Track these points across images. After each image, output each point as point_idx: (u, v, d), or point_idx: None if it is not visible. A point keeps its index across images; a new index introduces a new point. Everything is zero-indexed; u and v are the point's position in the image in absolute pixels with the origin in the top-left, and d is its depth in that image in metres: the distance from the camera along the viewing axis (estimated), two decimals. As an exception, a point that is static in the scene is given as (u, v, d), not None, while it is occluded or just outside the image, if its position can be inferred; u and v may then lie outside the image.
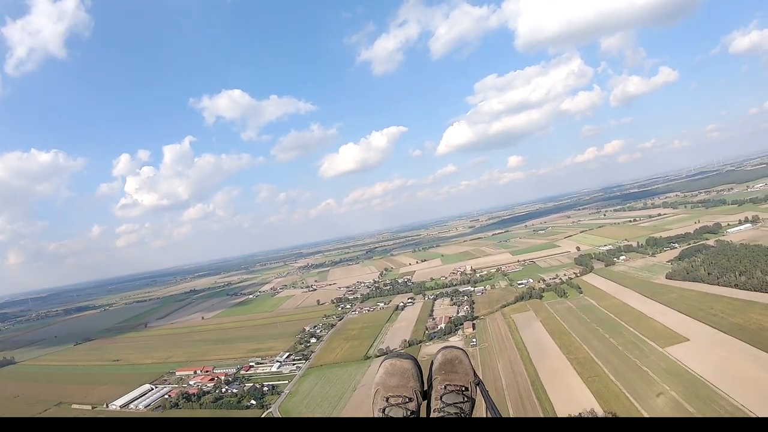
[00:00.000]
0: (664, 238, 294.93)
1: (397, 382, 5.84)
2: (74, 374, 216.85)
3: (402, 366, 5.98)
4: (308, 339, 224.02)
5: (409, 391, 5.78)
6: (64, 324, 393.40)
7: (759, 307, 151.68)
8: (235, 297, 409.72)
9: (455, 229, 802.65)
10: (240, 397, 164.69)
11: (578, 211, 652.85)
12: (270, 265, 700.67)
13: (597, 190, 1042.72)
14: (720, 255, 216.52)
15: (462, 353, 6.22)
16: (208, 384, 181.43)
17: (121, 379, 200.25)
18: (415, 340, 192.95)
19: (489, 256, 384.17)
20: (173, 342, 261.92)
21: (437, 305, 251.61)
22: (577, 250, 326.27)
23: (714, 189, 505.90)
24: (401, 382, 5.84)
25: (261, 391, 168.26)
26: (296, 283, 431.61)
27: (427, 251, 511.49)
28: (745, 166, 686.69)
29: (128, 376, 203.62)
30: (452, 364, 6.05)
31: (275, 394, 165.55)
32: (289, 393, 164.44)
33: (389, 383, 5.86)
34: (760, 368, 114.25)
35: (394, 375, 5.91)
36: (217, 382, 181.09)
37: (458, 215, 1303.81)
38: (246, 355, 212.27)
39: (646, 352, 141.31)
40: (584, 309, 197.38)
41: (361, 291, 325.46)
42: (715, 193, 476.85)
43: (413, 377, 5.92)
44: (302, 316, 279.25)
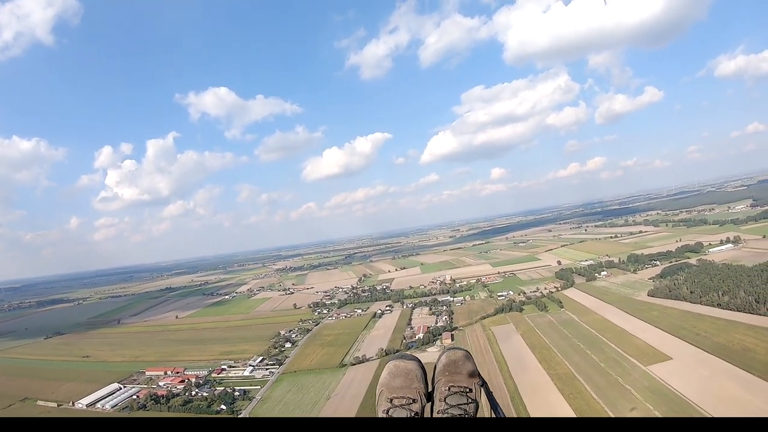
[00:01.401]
0: (645, 255, 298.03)
1: (401, 384, 5.90)
2: (42, 369, 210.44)
3: (406, 367, 6.04)
4: (283, 343, 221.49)
5: (413, 392, 5.85)
6: (36, 316, 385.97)
7: (742, 327, 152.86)
8: (211, 297, 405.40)
9: (436, 238, 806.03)
10: (210, 401, 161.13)
11: (559, 225, 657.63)
12: (248, 266, 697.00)
13: (578, 206, 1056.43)
14: (702, 274, 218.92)
15: (466, 354, 6.21)
16: (178, 386, 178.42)
17: (89, 376, 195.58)
18: (393, 349, 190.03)
19: (469, 267, 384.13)
20: (145, 340, 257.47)
21: (416, 314, 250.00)
22: (558, 264, 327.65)
23: (695, 209, 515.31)
24: (405, 384, 5.89)
25: (232, 395, 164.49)
26: (274, 285, 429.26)
27: (407, 259, 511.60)
28: (726, 188, 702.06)
29: (97, 373, 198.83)
30: (456, 366, 6.06)
31: (246, 400, 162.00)
32: (260, 399, 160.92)
33: (393, 384, 5.91)
34: (743, 389, 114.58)
35: (398, 376, 5.96)
36: (187, 385, 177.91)
37: (439, 224, 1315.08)
38: (218, 358, 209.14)
39: (628, 370, 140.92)
40: (565, 324, 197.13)
41: (339, 296, 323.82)
42: (696, 212, 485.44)
43: (417, 378, 5.99)
44: (278, 319, 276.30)
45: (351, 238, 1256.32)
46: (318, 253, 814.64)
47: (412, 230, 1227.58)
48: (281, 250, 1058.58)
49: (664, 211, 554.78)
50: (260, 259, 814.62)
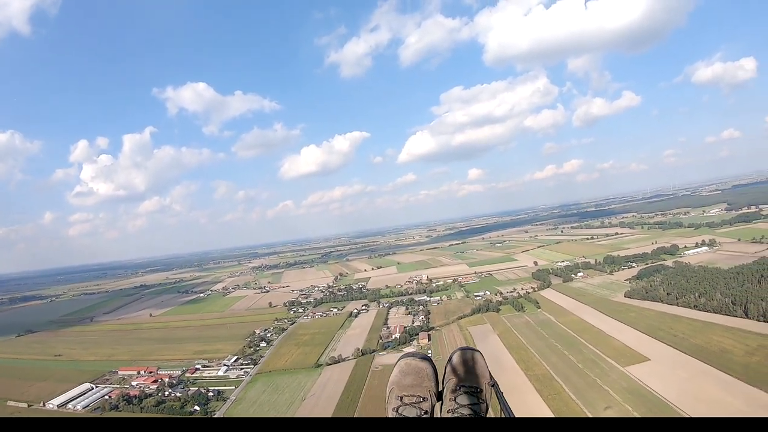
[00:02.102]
0: (621, 256, 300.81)
1: (411, 382, 5.96)
2: (13, 368, 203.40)
3: (417, 365, 6.10)
4: (258, 343, 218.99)
5: (423, 390, 5.89)
6: (8, 313, 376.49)
7: (719, 329, 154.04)
8: (186, 295, 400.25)
9: (412, 237, 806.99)
10: (183, 402, 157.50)
11: (535, 226, 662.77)
12: (224, 264, 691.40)
13: (554, 207, 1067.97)
14: (679, 276, 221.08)
15: (478, 354, 6.27)
16: (151, 386, 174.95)
17: (61, 375, 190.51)
18: (369, 349, 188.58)
19: (446, 267, 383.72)
20: (118, 339, 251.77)
21: (392, 314, 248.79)
22: (535, 265, 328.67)
23: (670, 212, 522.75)
24: (416, 382, 5.95)
25: (206, 396, 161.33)
26: (249, 283, 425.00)
27: (384, 258, 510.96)
28: (701, 192, 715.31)
29: (69, 372, 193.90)
30: (467, 365, 6.12)
31: (221, 400, 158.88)
32: (235, 399, 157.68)
33: (404, 382, 5.98)
34: (723, 390, 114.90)
35: (409, 374, 6.03)
36: (160, 385, 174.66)
37: (416, 224, 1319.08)
38: (192, 357, 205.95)
39: (606, 371, 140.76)
40: (542, 324, 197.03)
41: (315, 295, 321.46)
42: (672, 215, 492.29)
43: (428, 377, 6.02)
44: (253, 318, 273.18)
45: (327, 236, 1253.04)
46: (294, 251, 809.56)
47: (388, 229, 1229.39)
48: (257, 248, 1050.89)
49: (640, 213, 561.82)
50: (236, 257, 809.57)
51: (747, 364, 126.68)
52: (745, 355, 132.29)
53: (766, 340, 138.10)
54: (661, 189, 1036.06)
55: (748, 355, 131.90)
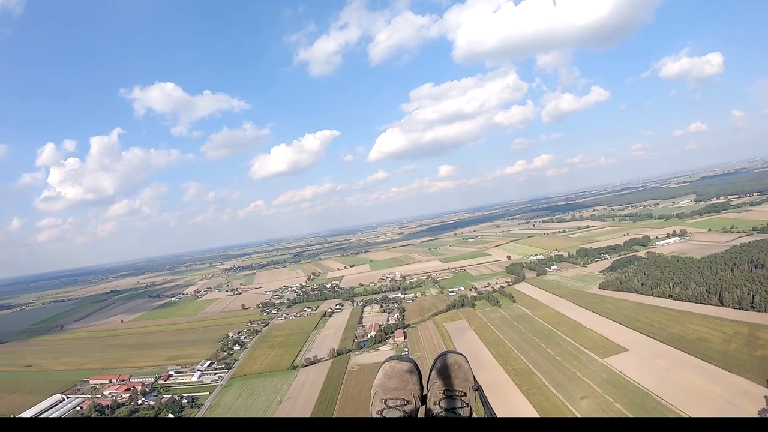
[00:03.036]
0: (594, 249, 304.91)
1: (395, 385, 6.07)
2: None
3: (401, 368, 6.23)
4: (231, 346, 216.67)
5: (407, 393, 6.01)
6: None
7: (696, 318, 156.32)
8: (157, 299, 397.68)
9: (384, 235, 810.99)
10: (157, 411, 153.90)
11: (507, 221, 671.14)
12: (195, 266, 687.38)
13: (525, 202, 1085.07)
14: (652, 266, 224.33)
15: (462, 358, 6.40)
16: (123, 395, 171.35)
17: (31, 387, 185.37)
18: (344, 349, 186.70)
19: (419, 263, 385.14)
20: (90, 346, 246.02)
21: (366, 312, 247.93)
22: (508, 259, 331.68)
23: (640, 204, 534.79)
24: (400, 385, 6.06)
25: (180, 403, 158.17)
26: (221, 285, 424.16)
27: (356, 256, 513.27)
28: (669, 184, 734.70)
29: (39, 383, 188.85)
30: (452, 369, 6.23)
31: (195, 407, 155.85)
32: (210, 406, 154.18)
33: (388, 385, 6.09)
34: (703, 378, 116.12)
35: (393, 377, 6.14)
36: (133, 393, 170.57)
37: (388, 222, 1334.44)
38: (165, 363, 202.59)
39: (585, 363, 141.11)
40: (519, 318, 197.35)
41: (288, 296, 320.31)
42: (642, 207, 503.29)
43: (412, 380, 6.15)
44: (226, 321, 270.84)
45: (299, 236, 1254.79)
46: (266, 251, 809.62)
47: (360, 228, 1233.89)
48: (229, 250, 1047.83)
49: (610, 206, 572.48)
50: (208, 259, 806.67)
51: (725, 352, 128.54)
52: (723, 343, 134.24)
53: (743, 327, 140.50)
54: (630, 182, 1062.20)
55: (726, 343, 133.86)
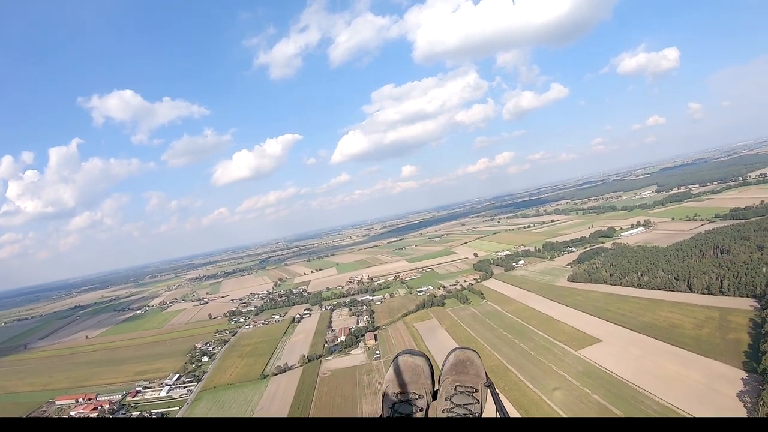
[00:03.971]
0: (560, 242, 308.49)
1: (408, 379, 6.10)
2: None
3: (414, 363, 6.27)
4: (200, 357, 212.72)
5: (419, 388, 6.04)
6: None
7: (666, 305, 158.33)
8: (122, 312, 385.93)
9: (350, 237, 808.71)
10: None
11: (472, 218, 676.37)
12: (160, 277, 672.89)
13: (489, 199, 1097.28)
14: (619, 257, 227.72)
15: (474, 354, 6.41)
16: (90, 414, 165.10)
17: None
18: (315, 355, 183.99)
19: (385, 264, 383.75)
20: (55, 365, 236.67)
21: (335, 316, 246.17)
22: (475, 256, 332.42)
23: (603, 197, 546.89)
24: (412, 379, 6.09)
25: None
26: (187, 295, 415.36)
27: (322, 260, 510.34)
28: (630, 176, 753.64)
29: (4, 406, 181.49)
30: (464, 365, 6.24)
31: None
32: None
33: (399, 380, 6.12)
34: (679, 364, 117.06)
35: (406, 371, 6.17)
36: (100, 412, 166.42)
37: (352, 224, 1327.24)
38: (133, 379, 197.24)
39: (560, 356, 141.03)
40: (489, 315, 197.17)
41: (255, 303, 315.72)
42: (604, 200, 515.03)
43: (424, 375, 6.18)
44: (193, 332, 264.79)
45: (264, 242, 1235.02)
46: (232, 259, 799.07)
47: (325, 231, 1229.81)
48: (194, 259, 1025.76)
49: (573, 200, 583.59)
50: (173, 269, 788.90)
51: (698, 337, 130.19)
52: (695, 328, 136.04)
53: (713, 312, 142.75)
54: (591, 176, 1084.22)
55: (698, 328, 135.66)
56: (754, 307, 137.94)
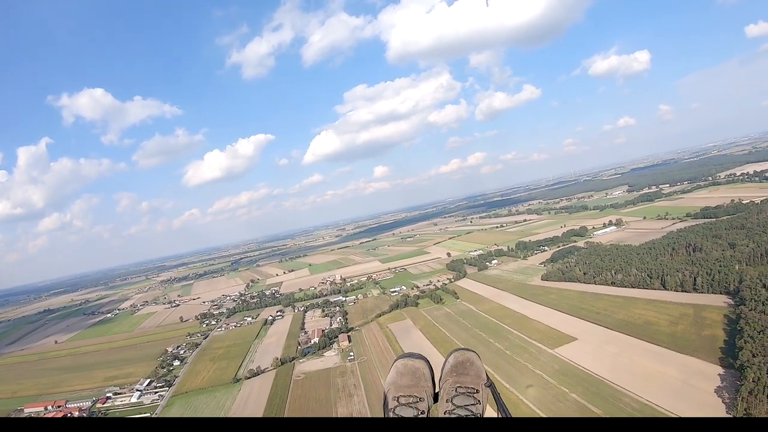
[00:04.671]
0: (533, 241, 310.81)
1: (408, 382, 6.10)
2: None
3: (414, 366, 6.25)
4: (171, 362, 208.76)
5: (420, 390, 6.04)
6: None
7: (641, 303, 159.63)
8: (92, 316, 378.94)
9: (322, 238, 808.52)
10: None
11: (444, 218, 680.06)
12: (131, 280, 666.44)
13: (461, 199, 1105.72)
14: (593, 255, 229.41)
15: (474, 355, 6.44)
16: None
17: None
18: (288, 357, 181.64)
19: (358, 265, 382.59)
20: (23, 372, 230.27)
21: (308, 317, 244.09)
22: (448, 256, 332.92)
23: (574, 196, 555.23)
24: (412, 382, 6.09)
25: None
26: (158, 298, 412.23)
27: (295, 261, 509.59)
28: (601, 177, 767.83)
29: None
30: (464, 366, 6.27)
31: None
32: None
33: (400, 383, 6.11)
34: (656, 361, 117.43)
35: (406, 375, 6.17)
36: None
37: (325, 224, 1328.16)
38: (103, 384, 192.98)
39: (535, 355, 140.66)
40: (464, 314, 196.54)
41: (227, 305, 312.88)
42: (576, 200, 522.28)
43: (424, 377, 6.17)
44: (164, 335, 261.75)
45: (236, 243, 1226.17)
46: (203, 261, 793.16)
47: (297, 232, 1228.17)
48: (165, 261, 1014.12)
49: (545, 200, 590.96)
50: (143, 272, 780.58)
51: (673, 334, 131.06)
52: (670, 325, 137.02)
53: (688, 309, 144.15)
54: (562, 176, 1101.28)
55: (673, 325, 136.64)
56: (728, 303, 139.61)
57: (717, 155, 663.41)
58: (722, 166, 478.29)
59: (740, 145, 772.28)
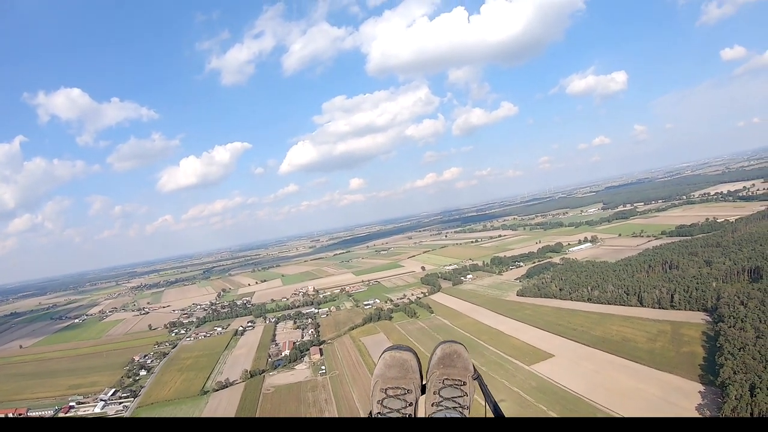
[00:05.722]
0: (508, 257, 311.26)
1: (396, 374, 6.13)
2: None
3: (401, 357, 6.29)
4: (138, 371, 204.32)
5: (408, 382, 6.07)
6: None
7: (617, 319, 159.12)
8: (59, 321, 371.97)
9: (296, 249, 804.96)
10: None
11: (419, 232, 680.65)
12: (101, 285, 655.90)
13: (436, 213, 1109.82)
14: (569, 271, 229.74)
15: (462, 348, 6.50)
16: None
17: None
18: (258, 370, 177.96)
19: (332, 277, 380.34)
20: None
21: (280, 329, 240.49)
22: (422, 270, 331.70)
23: (549, 213, 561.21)
24: (400, 374, 6.12)
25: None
26: (127, 305, 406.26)
27: (268, 271, 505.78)
28: (576, 194, 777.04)
29: None
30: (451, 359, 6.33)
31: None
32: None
33: (388, 375, 6.15)
34: (634, 379, 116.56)
35: (394, 366, 6.20)
36: None
37: (299, 235, 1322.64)
38: (66, 393, 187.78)
39: (512, 372, 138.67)
40: (438, 329, 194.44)
41: (198, 314, 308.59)
42: (551, 216, 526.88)
43: (412, 369, 6.20)
44: (132, 343, 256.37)
45: (209, 251, 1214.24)
46: (175, 268, 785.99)
47: (271, 242, 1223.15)
48: (136, 267, 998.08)
49: (520, 216, 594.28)
50: (114, 277, 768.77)
51: (651, 350, 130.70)
52: (648, 342, 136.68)
53: (665, 326, 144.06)
54: (537, 193, 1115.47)
55: (651, 342, 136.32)
56: (706, 320, 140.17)
57: (690, 175, 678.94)
58: (696, 185, 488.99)
59: (713, 165, 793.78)
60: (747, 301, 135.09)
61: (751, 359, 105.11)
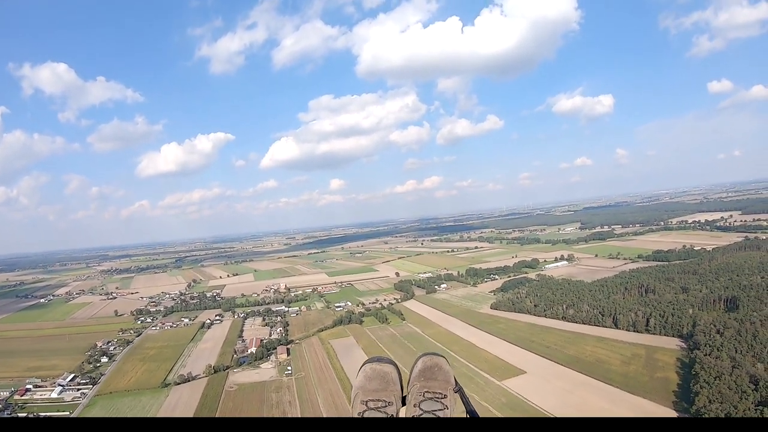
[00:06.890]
0: (484, 269, 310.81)
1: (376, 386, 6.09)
2: None
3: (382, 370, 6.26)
4: (99, 357, 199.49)
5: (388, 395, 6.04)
6: None
7: (591, 340, 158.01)
8: (25, 299, 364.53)
9: (271, 245, 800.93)
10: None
11: (395, 238, 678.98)
12: (71, 266, 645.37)
13: (414, 220, 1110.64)
14: (544, 288, 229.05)
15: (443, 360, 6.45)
16: None
17: None
18: (222, 365, 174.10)
19: (304, 276, 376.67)
20: None
21: (248, 325, 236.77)
22: (397, 276, 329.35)
23: (527, 228, 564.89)
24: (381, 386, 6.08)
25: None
26: (95, 288, 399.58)
27: (240, 265, 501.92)
28: (555, 212, 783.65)
29: None
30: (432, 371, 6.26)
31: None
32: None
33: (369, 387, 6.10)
34: (607, 401, 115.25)
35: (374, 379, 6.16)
36: None
37: (275, 231, 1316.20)
38: (24, 375, 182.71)
39: (482, 386, 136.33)
40: (409, 337, 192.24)
41: (166, 303, 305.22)
42: (529, 232, 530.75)
43: (393, 382, 6.18)
44: (96, 328, 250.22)
45: (184, 240, 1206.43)
46: (147, 254, 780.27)
47: (246, 236, 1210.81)
48: (109, 250, 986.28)
49: (498, 229, 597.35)
50: (85, 259, 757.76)
51: (625, 374, 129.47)
52: (622, 365, 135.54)
53: (640, 350, 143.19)
54: (516, 208, 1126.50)
55: (625, 365, 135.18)
56: (681, 346, 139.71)
57: (669, 202, 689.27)
58: (674, 212, 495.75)
59: (692, 194, 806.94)
60: (723, 330, 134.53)
61: (726, 389, 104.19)
